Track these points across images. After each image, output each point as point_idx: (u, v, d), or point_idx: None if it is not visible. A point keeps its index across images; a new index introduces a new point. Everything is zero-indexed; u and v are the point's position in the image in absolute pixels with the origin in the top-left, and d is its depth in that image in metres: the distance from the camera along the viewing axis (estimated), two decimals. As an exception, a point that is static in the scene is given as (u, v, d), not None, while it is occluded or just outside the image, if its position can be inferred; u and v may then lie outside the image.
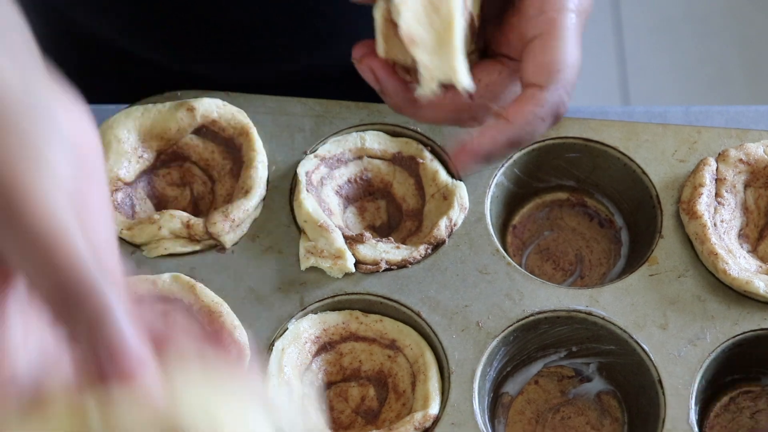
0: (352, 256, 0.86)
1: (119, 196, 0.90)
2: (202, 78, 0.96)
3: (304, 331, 0.85)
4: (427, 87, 0.74)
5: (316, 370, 0.85)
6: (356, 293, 0.86)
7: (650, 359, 0.83)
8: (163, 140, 0.92)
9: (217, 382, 0.52)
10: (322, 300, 0.86)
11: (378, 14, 0.76)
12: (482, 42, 0.79)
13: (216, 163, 0.93)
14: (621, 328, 0.84)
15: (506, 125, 0.74)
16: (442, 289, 0.86)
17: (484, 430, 0.81)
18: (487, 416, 0.83)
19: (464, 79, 0.74)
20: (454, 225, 0.88)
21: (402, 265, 0.87)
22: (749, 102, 2.19)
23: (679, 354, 0.83)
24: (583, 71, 0.78)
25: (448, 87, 0.75)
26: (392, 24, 0.75)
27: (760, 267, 0.87)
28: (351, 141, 0.92)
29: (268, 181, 0.91)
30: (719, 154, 0.90)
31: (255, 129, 0.91)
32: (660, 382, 0.82)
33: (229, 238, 0.88)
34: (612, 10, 2.17)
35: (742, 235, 0.90)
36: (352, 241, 0.87)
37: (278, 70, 1.02)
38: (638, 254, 0.89)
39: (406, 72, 0.77)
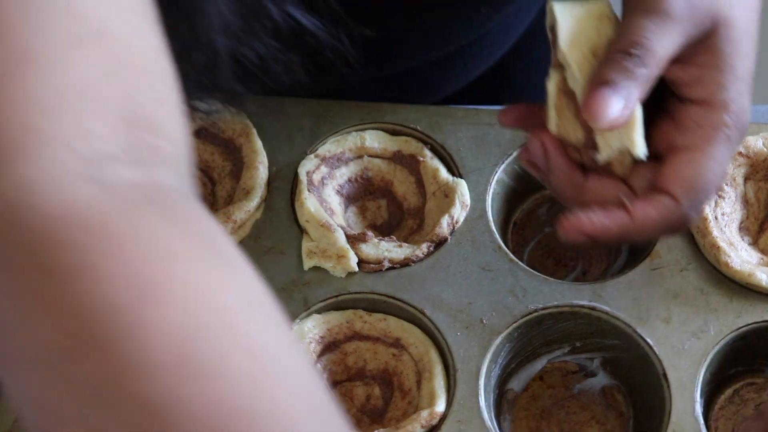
0: (355, 256, 0.86)
1: (120, 199, 0.90)
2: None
3: (309, 331, 0.85)
4: (605, 153, 0.71)
5: (321, 370, 0.85)
6: (359, 292, 0.86)
7: (654, 353, 0.83)
8: (162, 143, 0.92)
9: None
10: (325, 300, 0.86)
11: (552, 85, 0.72)
12: None
13: (216, 164, 0.93)
14: (624, 323, 0.84)
15: (626, 220, 0.71)
16: (446, 287, 0.86)
17: (491, 426, 0.81)
18: (493, 413, 0.83)
19: (640, 146, 0.70)
20: (456, 222, 0.88)
21: (405, 263, 0.87)
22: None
23: (683, 347, 0.83)
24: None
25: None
26: (566, 96, 0.72)
27: (762, 259, 0.87)
28: (351, 140, 0.92)
29: (268, 181, 0.90)
30: (719, 147, 0.90)
31: (255, 130, 0.91)
32: (665, 375, 0.82)
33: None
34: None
35: (742, 228, 0.90)
36: (354, 240, 0.87)
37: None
38: (640, 249, 0.89)
39: (577, 152, 0.73)
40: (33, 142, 0.46)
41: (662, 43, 0.70)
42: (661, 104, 0.74)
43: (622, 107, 0.69)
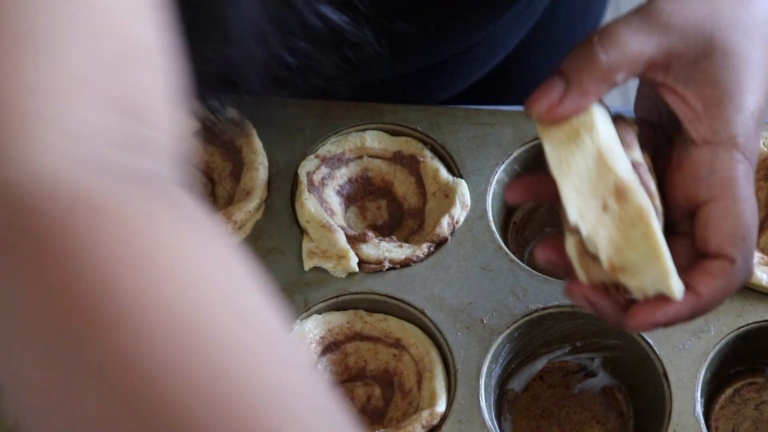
0: (356, 256, 0.86)
1: (120, 200, 0.90)
2: None
3: (309, 331, 0.85)
4: (640, 296, 0.69)
5: (322, 371, 0.85)
6: (360, 292, 0.86)
7: (655, 353, 0.83)
8: (163, 143, 0.92)
9: None
10: (326, 300, 0.86)
11: (571, 248, 0.69)
12: None
13: (216, 165, 0.93)
14: (625, 323, 0.84)
15: (694, 299, 0.68)
16: (446, 287, 0.86)
17: (491, 426, 0.81)
18: (493, 413, 0.83)
19: (678, 290, 0.67)
20: (457, 222, 0.88)
21: (405, 263, 0.87)
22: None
23: (684, 347, 0.83)
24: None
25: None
26: (587, 253, 0.68)
27: (762, 259, 0.87)
28: (351, 141, 0.92)
29: (269, 182, 0.91)
30: (719, 146, 0.90)
31: (255, 130, 0.91)
32: (665, 375, 0.82)
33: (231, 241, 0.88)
34: (612, 11, 2.18)
35: (743, 228, 0.90)
36: (355, 240, 0.87)
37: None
38: (640, 248, 0.89)
39: (615, 288, 0.70)
40: (33, 126, 0.48)
41: (637, 38, 0.67)
42: (665, 154, 0.72)
43: (574, 100, 0.67)
